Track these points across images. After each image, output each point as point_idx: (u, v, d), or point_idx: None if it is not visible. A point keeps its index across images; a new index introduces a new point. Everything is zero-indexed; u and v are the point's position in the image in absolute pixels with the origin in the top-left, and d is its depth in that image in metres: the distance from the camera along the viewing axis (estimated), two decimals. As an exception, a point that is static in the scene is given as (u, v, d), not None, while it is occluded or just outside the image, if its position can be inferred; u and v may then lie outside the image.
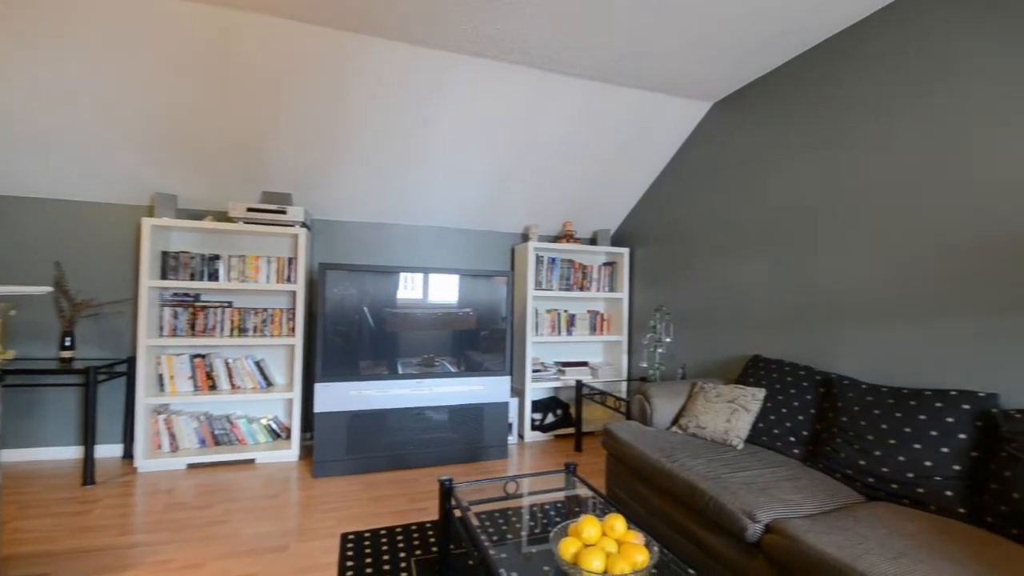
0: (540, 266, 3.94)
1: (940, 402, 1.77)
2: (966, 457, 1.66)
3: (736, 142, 3.04)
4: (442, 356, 3.30)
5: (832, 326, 2.38)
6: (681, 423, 2.48)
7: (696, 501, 1.83)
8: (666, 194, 3.68)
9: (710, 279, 3.20)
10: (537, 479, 2.36)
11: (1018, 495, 1.46)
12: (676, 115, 3.30)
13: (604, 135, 3.36)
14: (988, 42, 1.85)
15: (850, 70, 2.35)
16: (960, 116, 1.92)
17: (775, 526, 1.55)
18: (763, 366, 2.51)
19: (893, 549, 1.35)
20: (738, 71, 2.81)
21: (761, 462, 2.03)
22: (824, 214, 2.45)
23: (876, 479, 1.81)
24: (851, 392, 2.04)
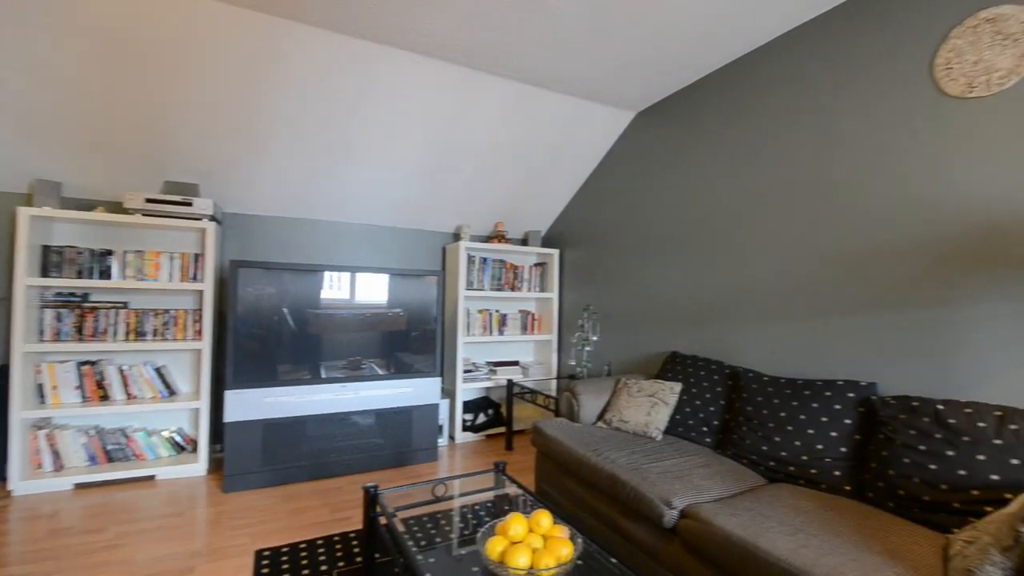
0: (472, 266, 3.92)
1: (829, 391, 1.96)
2: (851, 440, 1.85)
3: (656, 151, 3.20)
4: (369, 358, 3.18)
5: (739, 323, 2.58)
6: (606, 418, 2.57)
7: (619, 492, 1.90)
8: (593, 198, 3.80)
9: (633, 280, 3.35)
10: (467, 480, 2.34)
11: (892, 472, 1.66)
12: (602, 122, 3.42)
13: (534, 137, 3.41)
14: (867, 84, 2.08)
15: (755, 90, 2.56)
16: (848, 141, 2.15)
17: (689, 511, 1.65)
18: (680, 362, 2.66)
19: (790, 526, 1.47)
20: (657, 84, 2.97)
21: (678, 451, 2.15)
22: (731, 220, 2.65)
23: (776, 463, 1.98)
24: (755, 384, 2.22)
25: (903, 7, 1.97)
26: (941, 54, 1.85)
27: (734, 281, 2.63)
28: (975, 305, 1.73)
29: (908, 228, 1.93)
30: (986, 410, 1.54)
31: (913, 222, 1.91)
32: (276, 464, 2.86)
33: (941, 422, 1.60)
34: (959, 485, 1.49)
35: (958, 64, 1.80)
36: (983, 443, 1.49)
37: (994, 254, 1.70)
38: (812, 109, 2.29)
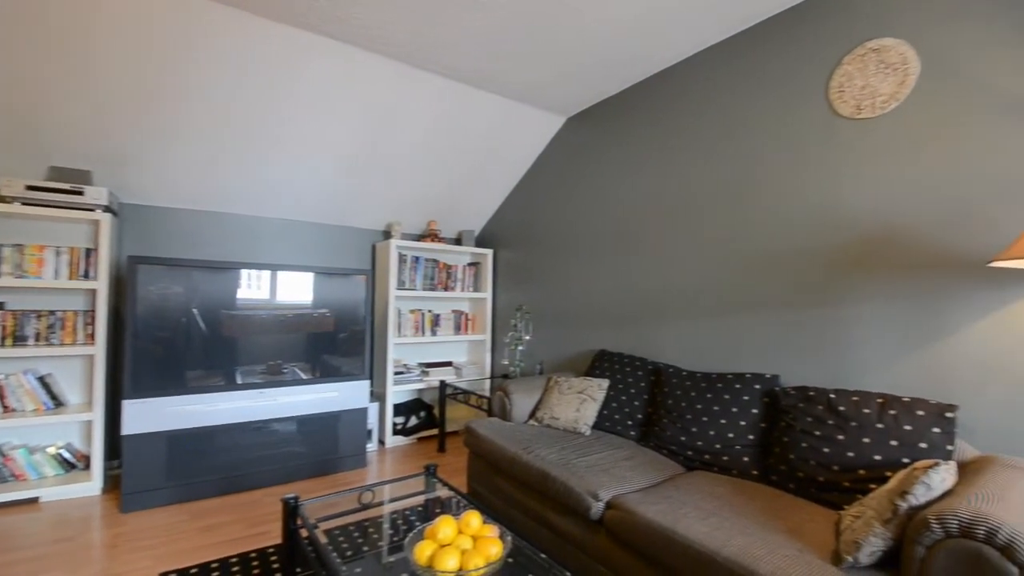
0: (403, 265, 3.83)
1: (739, 384, 2.12)
2: (757, 428, 2.01)
3: (585, 155, 3.30)
4: (292, 362, 3.01)
5: (662, 322, 2.72)
6: (538, 416, 2.61)
7: (549, 487, 1.93)
8: (526, 199, 3.85)
9: (565, 280, 3.43)
10: (397, 485, 2.28)
11: (793, 456, 1.82)
12: (535, 125, 3.47)
13: (467, 136, 3.39)
14: (773, 101, 2.27)
15: (677, 102, 2.71)
16: (757, 153, 2.33)
17: (614, 502, 1.71)
18: (607, 359, 2.76)
19: (705, 510, 1.57)
20: (587, 91, 3.06)
21: (605, 446, 2.22)
22: (654, 225, 2.79)
23: (694, 452, 2.11)
24: (675, 379, 2.34)
25: (804, 33, 2.17)
26: (835, 78, 2.05)
27: (658, 282, 2.77)
28: (861, 304, 1.94)
29: (806, 235, 2.12)
30: (870, 398, 1.73)
31: (810, 230, 2.11)
32: (184, 479, 2.63)
33: (833, 409, 1.77)
34: (848, 466, 1.66)
35: (849, 88, 2.01)
36: (868, 427, 1.67)
37: (875, 259, 1.91)
38: (726, 122, 2.46)
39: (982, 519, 1.08)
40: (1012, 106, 1.61)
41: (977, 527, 1.08)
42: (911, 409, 1.62)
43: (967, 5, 1.71)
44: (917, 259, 1.80)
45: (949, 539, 1.12)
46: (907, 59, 1.85)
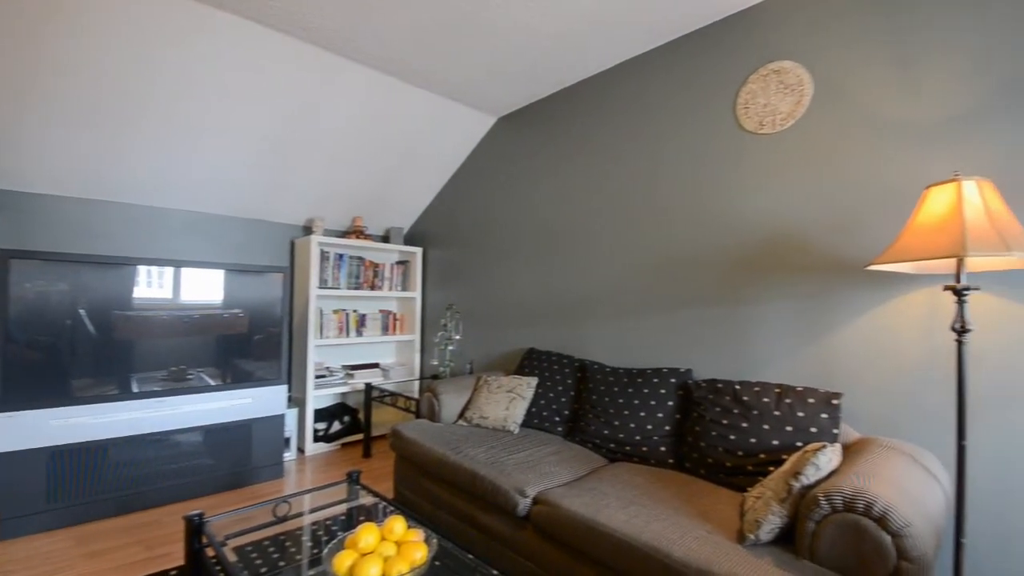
0: (326, 263, 3.65)
1: (657, 378, 2.23)
2: (673, 419, 2.13)
3: (515, 156, 3.33)
4: (198, 367, 2.77)
5: (588, 320, 2.81)
6: (467, 416, 2.59)
7: (477, 487, 1.93)
8: (457, 198, 3.82)
9: (495, 280, 3.44)
10: (317, 494, 2.17)
11: (703, 444, 1.94)
12: (465, 123, 3.45)
13: (396, 131, 3.30)
14: (687, 114, 2.42)
15: (603, 109, 2.81)
16: (674, 161, 2.47)
17: (540, 497, 1.74)
18: (536, 357, 2.81)
19: (625, 499, 1.64)
20: (517, 92, 3.09)
21: (533, 442, 2.26)
22: (581, 226, 2.87)
23: (616, 444, 2.19)
24: (599, 375, 2.43)
25: (714, 52, 2.33)
26: (741, 95, 2.22)
27: (584, 282, 2.85)
28: (762, 303, 2.12)
29: (716, 240, 2.28)
30: (769, 388, 1.89)
31: (720, 235, 2.27)
32: (69, 500, 2.33)
33: (738, 399, 1.92)
34: (751, 451, 1.81)
35: (753, 105, 2.19)
36: (767, 415, 1.82)
37: (775, 262, 2.09)
38: (645, 131, 2.58)
39: (861, 495, 1.22)
40: (889, 128, 1.83)
41: (857, 502, 1.21)
42: (803, 398, 1.80)
43: (854, 36, 1.92)
44: (810, 262, 1.99)
45: (835, 514, 1.25)
46: (803, 81, 2.04)
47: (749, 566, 1.25)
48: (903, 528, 1.15)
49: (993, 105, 1.61)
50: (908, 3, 1.78)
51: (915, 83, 1.76)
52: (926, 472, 1.46)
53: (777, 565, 1.26)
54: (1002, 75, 1.60)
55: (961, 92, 1.67)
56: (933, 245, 1.35)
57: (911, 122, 1.77)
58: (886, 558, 1.17)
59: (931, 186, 1.45)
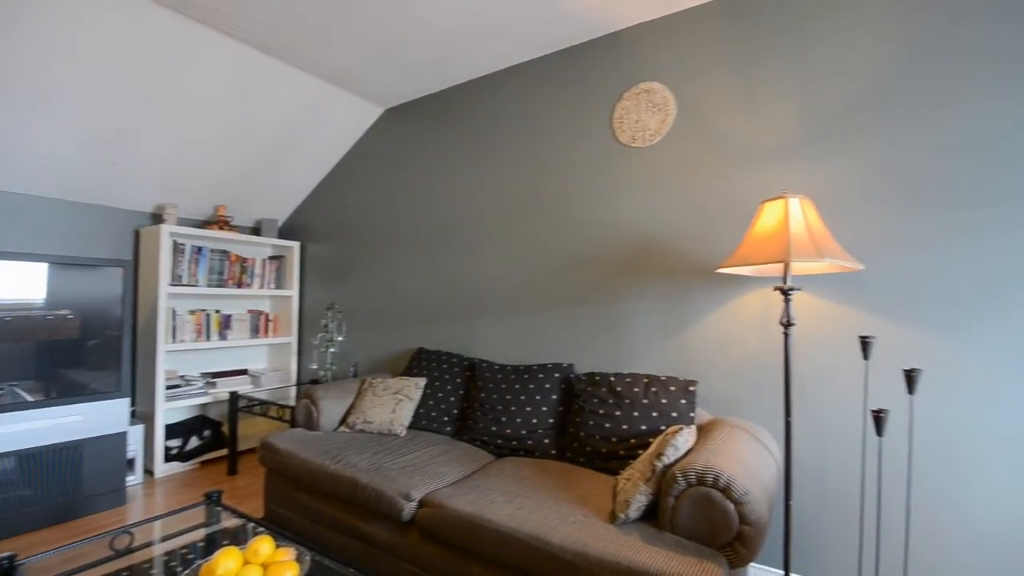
0: (180, 256, 3.21)
1: (542, 374, 2.32)
2: (556, 412, 2.23)
3: (405, 150, 3.24)
4: (12, 380, 2.27)
5: (478, 319, 2.83)
6: (349, 421, 2.46)
7: (359, 495, 1.84)
8: (341, 190, 3.61)
9: (383, 278, 3.31)
10: (169, 521, 1.90)
11: (583, 434, 2.06)
12: (350, 111, 3.27)
13: (268, 113, 3.02)
14: (570, 123, 2.55)
15: (494, 109, 2.84)
16: (558, 166, 2.59)
17: (427, 500, 1.71)
18: (425, 357, 2.76)
19: (510, 493, 1.68)
20: (406, 84, 3.01)
21: (420, 444, 2.21)
22: (471, 225, 2.89)
23: (503, 440, 2.24)
24: (487, 373, 2.46)
25: (596, 66, 2.48)
26: (617, 109, 2.40)
27: (473, 280, 2.87)
28: (634, 301, 2.31)
29: (595, 242, 2.44)
30: (639, 378, 2.07)
31: (598, 238, 2.43)
32: None
33: (612, 390, 2.07)
34: (623, 437, 1.96)
35: (627, 120, 2.37)
36: (637, 403, 1.99)
37: (645, 264, 2.29)
38: (532, 134, 2.68)
39: (710, 469, 1.38)
40: (736, 150, 2.10)
41: (707, 475, 1.38)
42: (666, 386, 1.99)
43: (709, 68, 2.17)
44: (673, 266, 2.22)
45: (690, 488, 1.40)
46: (668, 102, 2.26)
47: (619, 543, 1.36)
48: (743, 496, 1.33)
49: (813, 137, 1.93)
50: (751, 48, 2.07)
51: (756, 115, 2.05)
52: (762, 446, 1.70)
53: (643, 539, 1.38)
54: (820, 113, 1.92)
55: (790, 125, 1.98)
56: (766, 252, 1.58)
57: (753, 146, 2.06)
58: (731, 523, 1.34)
59: (765, 201, 1.69)
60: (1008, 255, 1.60)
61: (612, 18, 2.32)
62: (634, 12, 2.27)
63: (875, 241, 1.80)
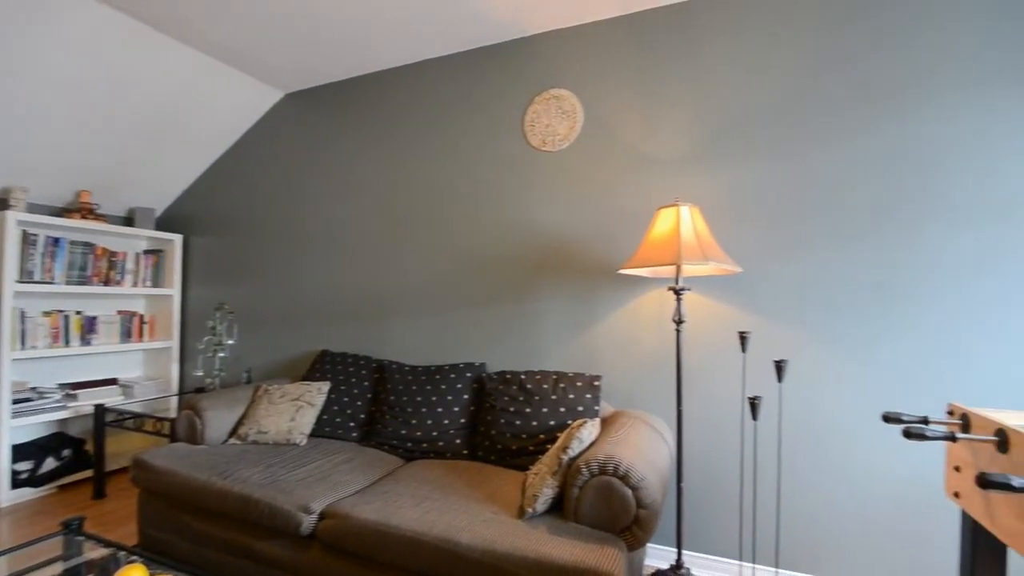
0: (31, 249, 2.75)
1: (454, 374, 2.31)
2: (468, 412, 2.23)
3: (307, 138, 3.05)
4: None
5: (388, 319, 2.74)
6: (241, 432, 2.26)
7: (252, 512, 1.70)
8: (234, 178, 3.30)
9: (282, 275, 3.09)
10: (15, 558, 1.61)
11: (494, 432, 2.08)
12: (244, 93, 3.00)
13: (144, 89, 2.68)
14: (484, 122, 2.56)
15: (409, 102, 2.76)
16: (473, 165, 2.58)
17: (329, 511, 1.62)
18: (329, 360, 2.62)
19: (419, 496, 1.65)
20: (311, 67, 2.82)
21: (322, 453, 2.09)
22: (381, 221, 2.79)
23: (413, 443, 2.19)
24: (397, 374, 2.39)
25: (508, 68, 2.51)
26: (528, 113, 2.45)
27: (383, 279, 2.77)
28: (544, 300, 2.38)
29: (507, 242, 2.47)
30: (548, 375, 2.13)
31: (510, 238, 2.47)
32: None
33: (522, 387, 2.11)
34: (532, 433, 2.01)
35: (538, 124, 2.43)
36: (546, 399, 2.05)
37: (553, 265, 2.37)
38: (447, 132, 2.65)
39: (611, 459, 1.46)
40: (637, 159, 2.24)
41: (608, 465, 1.45)
42: (574, 382, 2.07)
43: (613, 80, 2.29)
44: (580, 265, 2.32)
45: (593, 478, 1.47)
46: (576, 109, 2.35)
47: (526, 537, 1.39)
48: (640, 481, 1.42)
49: (705, 150, 2.12)
50: (651, 64, 2.21)
51: (655, 127, 2.20)
52: (658, 434, 1.83)
53: (549, 531, 1.43)
54: (710, 129, 2.11)
55: (685, 138, 2.15)
56: (661, 255, 1.70)
57: (652, 156, 2.21)
58: (629, 507, 1.42)
59: (661, 208, 1.83)
60: (862, 262, 1.87)
61: (523, 23, 2.36)
62: (543, 19, 2.33)
63: (753, 246, 2.02)
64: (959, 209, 1.74)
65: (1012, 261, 1.68)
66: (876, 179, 1.85)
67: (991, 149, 1.71)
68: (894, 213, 1.82)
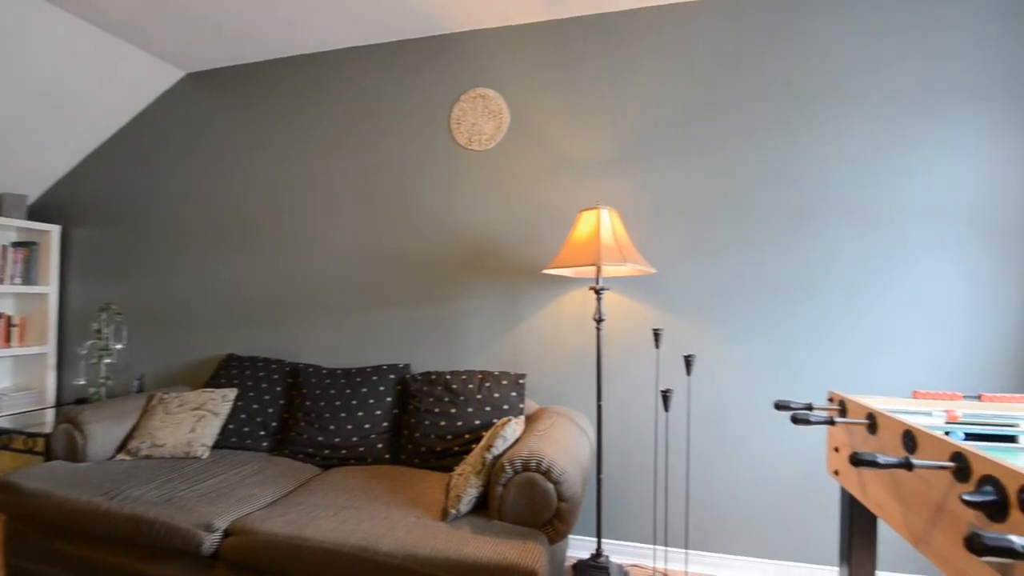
0: None
1: (376, 375, 2.23)
2: (391, 415, 2.16)
3: (211, 123, 2.80)
4: None
5: (303, 319, 2.59)
6: (131, 447, 2.03)
7: (145, 534, 1.53)
8: (123, 165, 2.96)
9: (181, 272, 2.81)
10: None
11: (418, 434, 2.04)
12: (138, 70, 2.70)
13: (21, 60, 2.33)
14: (409, 116, 2.50)
15: (326, 90, 2.62)
16: (394, 160, 2.51)
17: (234, 527, 1.50)
18: (236, 364, 2.42)
19: (336, 505, 1.57)
20: (216, 48, 2.60)
21: (228, 466, 1.93)
22: (295, 216, 2.63)
23: (331, 450, 2.09)
24: (314, 378, 2.27)
25: (435, 63, 2.47)
26: (455, 110, 2.42)
27: (299, 278, 2.62)
28: (470, 299, 2.36)
29: (432, 240, 2.43)
30: (474, 375, 2.12)
31: (435, 236, 2.43)
32: None
33: (448, 388, 2.09)
34: (458, 433, 1.99)
35: (464, 122, 2.41)
36: (471, 399, 2.04)
37: (480, 264, 2.36)
38: (369, 124, 2.55)
39: (534, 455, 1.48)
40: (561, 162, 2.29)
41: (531, 461, 1.47)
42: (499, 380, 2.09)
43: (539, 80, 2.32)
44: (505, 265, 2.33)
45: (516, 475, 1.49)
46: (502, 110, 2.36)
47: (449, 539, 1.37)
48: (562, 475, 1.46)
49: (622, 156, 2.21)
50: (573, 70, 2.27)
51: (578, 131, 2.27)
52: (580, 429, 1.89)
53: (473, 531, 1.42)
54: (628, 135, 2.21)
55: (604, 143, 2.23)
56: (582, 256, 1.76)
57: (575, 159, 2.27)
58: (550, 502, 1.45)
59: (583, 211, 1.88)
60: (764, 264, 2.04)
61: (450, 19, 2.33)
62: (471, 17, 2.31)
63: (666, 248, 2.14)
64: (853, 215, 1.96)
65: (896, 263, 1.92)
66: (779, 186, 2.03)
67: (883, 162, 1.94)
68: (794, 218, 2.01)
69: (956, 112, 1.87)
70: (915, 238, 1.90)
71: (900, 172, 1.92)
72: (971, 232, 1.86)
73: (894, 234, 1.92)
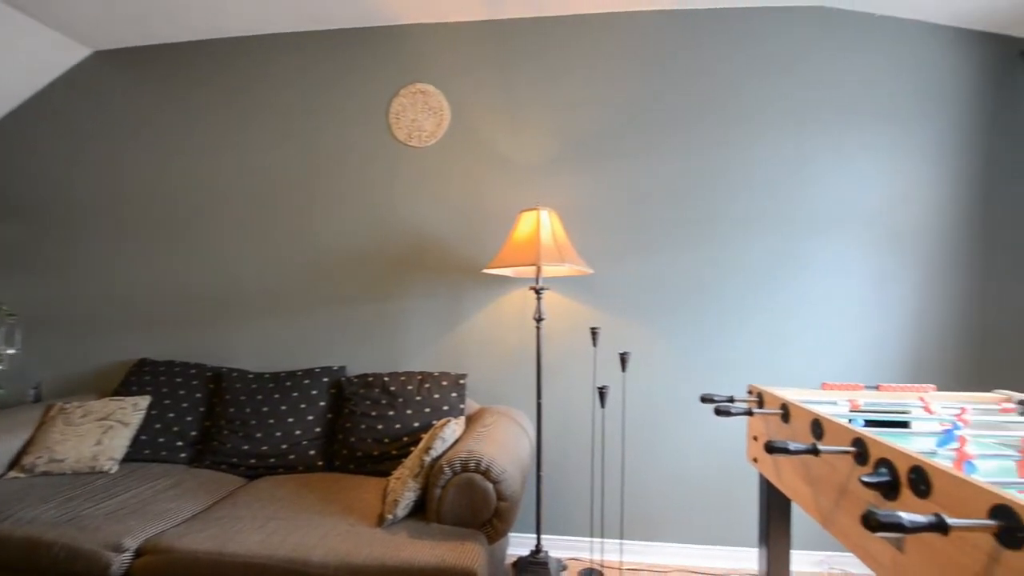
0: None
1: (308, 379, 2.13)
2: (325, 420, 2.08)
3: (122, 106, 2.56)
4: None
5: (226, 322, 2.43)
6: (25, 463, 1.82)
7: (42, 558, 1.38)
8: (19, 145, 2.64)
9: (85, 269, 2.55)
10: None
11: (354, 439, 1.97)
12: (36, 45, 2.42)
13: None
14: (345, 108, 2.41)
15: (256, 77, 2.46)
16: (331, 154, 2.41)
17: (148, 546, 1.38)
18: (150, 370, 2.23)
19: (263, 517, 1.49)
20: (131, 24, 2.38)
21: (139, 480, 1.78)
22: (217, 211, 2.46)
23: (258, 459, 1.97)
24: (239, 383, 2.14)
25: (374, 56, 2.39)
26: (393, 105, 2.36)
27: (220, 277, 2.45)
28: (409, 299, 2.32)
29: (369, 239, 2.36)
30: (413, 376, 2.08)
31: (372, 234, 2.36)
32: None
33: (386, 390, 2.04)
34: (396, 436, 1.94)
35: (403, 117, 2.36)
36: (410, 401, 2.00)
37: (419, 263, 2.32)
38: (303, 115, 2.42)
39: (473, 456, 1.48)
40: (502, 162, 2.29)
41: (470, 462, 1.47)
42: (439, 381, 2.06)
43: (480, 78, 2.32)
44: (446, 264, 2.31)
45: (455, 476, 1.47)
46: (443, 107, 2.33)
47: (385, 545, 1.34)
48: (501, 474, 1.46)
49: (561, 157, 2.25)
50: (513, 70, 2.29)
51: (519, 131, 2.29)
52: (520, 427, 1.90)
53: (410, 535, 1.39)
54: (565, 138, 2.25)
55: (543, 144, 2.26)
56: (523, 256, 1.77)
57: (516, 160, 2.28)
58: (490, 502, 1.45)
59: (523, 211, 1.90)
60: (691, 265, 2.15)
61: (389, 11, 2.27)
62: (410, 11, 2.27)
63: (602, 249, 2.20)
64: (767, 220, 2.11)
65: (813, 265, 2.08)
66: (700, 192, 2.15)
67: (799, 173, 2.10)
68: (718, 223, 2.14)
69: (855, 130, 2.07)
70: (821, 241, 2.08)
71: (805, 181, 2.10)
72: (871, 236, 2.06)
73: (803, 237, 2.09)
